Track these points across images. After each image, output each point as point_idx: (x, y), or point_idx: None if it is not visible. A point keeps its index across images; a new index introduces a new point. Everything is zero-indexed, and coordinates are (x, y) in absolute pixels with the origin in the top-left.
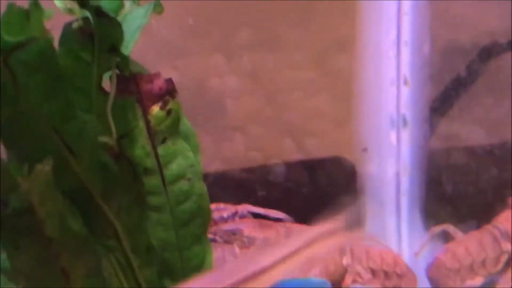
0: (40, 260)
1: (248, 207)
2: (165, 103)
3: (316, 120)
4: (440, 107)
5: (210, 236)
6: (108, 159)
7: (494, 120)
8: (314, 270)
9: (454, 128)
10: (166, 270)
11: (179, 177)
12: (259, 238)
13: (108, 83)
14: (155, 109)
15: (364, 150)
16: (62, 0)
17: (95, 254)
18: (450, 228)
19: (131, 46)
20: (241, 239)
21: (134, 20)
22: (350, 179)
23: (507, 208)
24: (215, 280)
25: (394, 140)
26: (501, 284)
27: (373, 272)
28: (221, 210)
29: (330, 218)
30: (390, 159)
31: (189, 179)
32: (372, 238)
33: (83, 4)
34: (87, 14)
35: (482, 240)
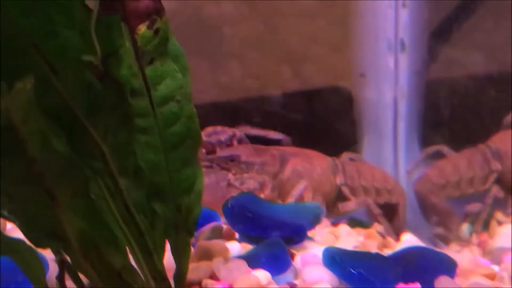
0: (24, 181)
1: (247, 129)
2: (152, 22)
3: (314, 46)
4: (439, 31)
5: (206, 163)
6: (93, 78)
7: (494, 45)
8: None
9: (454, 53)
10: (156, 193)
11: (167, 98)
12: (257, 163)
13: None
14: (142, 28)
15: (362, 75)
16: None
17: (81, 176)
18: (445, 149)
19: None
20: (238, 165)
21: None
22: (347, 108)
23: (503, 129)
24: None
25: (392, 64)
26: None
27: (365, 190)
28: (218, 133)
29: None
30: (388, 84)
31: (178, 101)
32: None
33: None
34: None
35: (472, 158)
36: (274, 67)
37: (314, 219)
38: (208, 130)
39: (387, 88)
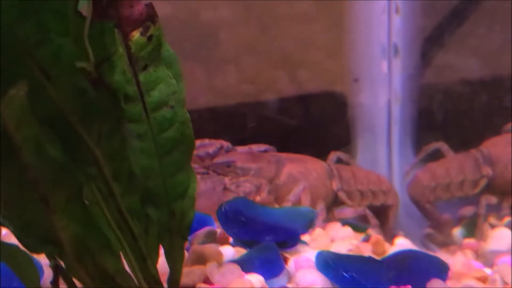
0: (18, 186)
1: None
2: (146, 29)
3: (309, 51)
4: (432, 36)
5: (203, 170)
6: (86, 84)
7: (488, 50)
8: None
9: (447, 58)
10: (149, 198)
11: (161, 104)
12: (253, 168)
13: (85, 7)
14: (136, 34)
15: (356, 80)
16: None
17: (75, 181)
18: (444, 146)
19: None
20: (234, 170)
21: None
22: (342, 112)
23: (502, 134)
24: None
25: (386, 69)
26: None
27: (361, 194)
28: (206, 146)
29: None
30: (382, 89)
31: (171, 107)
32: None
33: None
34: None
35: (464, 162)
36: (269, 72)
37: (307, 223)
38: (196, 143)
39: (381, 92)
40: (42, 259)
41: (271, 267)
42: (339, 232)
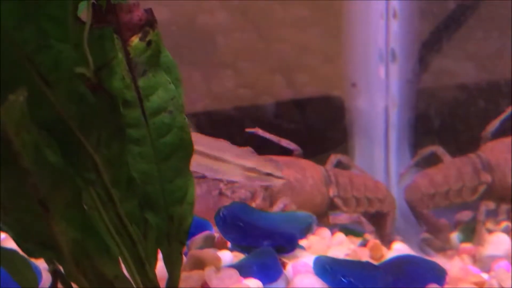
0: (17, 191)
1: (260, 132)
2: (145, 34)
3: (306, 55)
4: (430, 41)
5: (200, 174)
6: (86, 90)
7: (485, 55)
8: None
9: (444, 63)
10: (148, 203)
11: (160, 109)
12: None
13: (85, 13)
14: (135, 40)
15: (353, 85)
16: None
17: (74, 187)
18: (439, 150)
19: None
20: None
21: None
22: (340, 117)
23: (483, 142)
24: None
25: (383, 74)
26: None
27: (357, 201)
28: None
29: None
30: (379, 93)
31: (170, 112)
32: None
33: None
34: None
35: (462, 169)
36: (267, 77)
37: (305, 228)
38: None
39: (379, 97)
40: (41, 264)
41: (269, 272)
42: (332, 239)
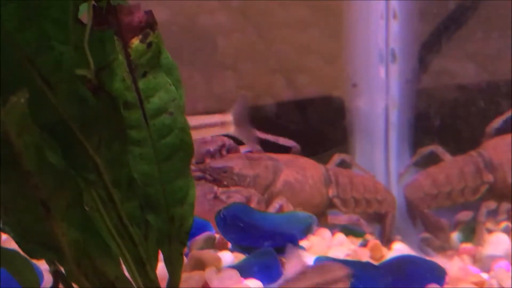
0: (19, 192)
1: (258, 133)
2: (145, 36)
3: (307, 56)
4: (430, 42)
5: (199, 173)
6: (86, 91)
7: (485, 55)
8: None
9: (444, 63)
10: (149, 204)
11: (160, 111)
12: (250, 176)
13: (86, 15)
14: (135, 42)
15: (354, 85)
16: None
17: (75, 188)
18: (439, 149)
19: None
20: (231, 177)
21: None
22: (340, 117)
23: (486, 138)
24: None
25: (383, 74)
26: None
27: (356, 201)
28: (207, 143)
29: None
30: (379, 94)
31: (171, 113)
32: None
33: None
34: None
35: (465, 168)
36: (267, 77)
37: (305, 229)
38: (198, 139)
39: (379, 97)
40: (42, 265)
41: (270, 273)
42: (333, 239)
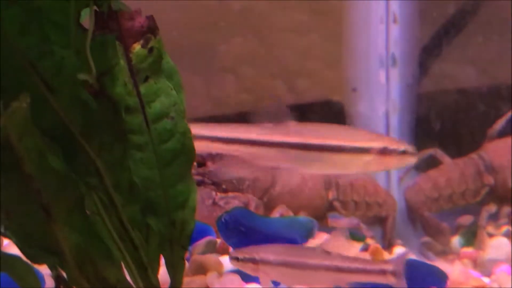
0: (20, 197)
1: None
2: (146, 41)
3: (307, 61)
4: (430, 46)
5: (199, 177)
6: (88, 96)
7: (485, 59)
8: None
9: (444, 67)
10: (150, 208)
11: (162, 115)
12: (249, 179)
13: (88, 20)
14: (137, 47)
15: (354, 90)
16: None
17: (76, 192)
18: (438, 152)
19: None
20: (230, 180)
21: None
22: (340, 122)
23: (488, 140)
24: None
25: (384, 79)
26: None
27: (356, 204)
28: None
29: None
30: (380, 98)
31: (172, 118)
32: None
33: None
34: None
35: (465, 171)
36: (268, 82)
37: (307, 233)
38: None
39: (379, 102)
40: (44, 269)
41: None
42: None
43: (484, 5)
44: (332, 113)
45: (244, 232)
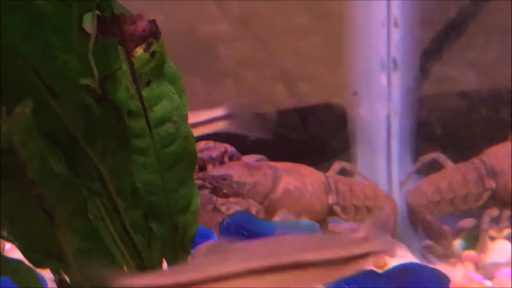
0: (23, 202)
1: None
2: (149, 45)
3: (308, 64)
4: (431, 49)
5: (199, 182)
6: (91, 101)
7: (486, 62)
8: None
9: (445, 71)
10: (153, 213)
11: (164, 119)
12: (249, 183)
13: (90, 25)
14: (139, 51)
15: (355, 93)
16: None
17: (79, 197)
18: (441, 156)
19: None
20: (230, 185)
21: None
22: (341, 125)
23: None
24: None
25: (385, 82)
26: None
27: (356, 209)
28: (210, 149)
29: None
30: (381, 102)
31: (174, 122)
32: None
33: None
34: None
35: (467, 175)
36: (268, 85)
37: None
38: (200, 145)
39: (380, 105)
40: (47, 274)
41: None
42: None
43: (485, 8)
44: (333, 116)
45: (246, 236)
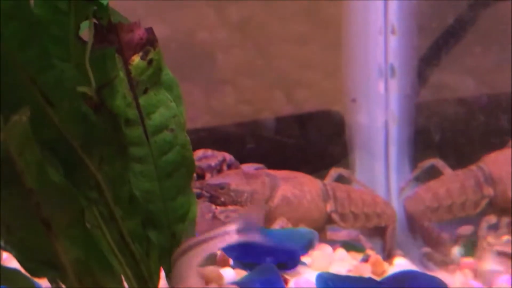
0: (21, 211)
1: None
2: (146, 53)
3: (306, 71)
4: (429, 56)
5: (197, 190)
6: (88, 109)
7: (484, 69)
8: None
9: (443, 77)
10: (151, 221)
11: (161, 127)
12: (247, 191)
13: (87, 33)
14: (136, 59)
15: (353, 100)
16: None
17: (76, 205)
18: (439, 162)
19: None
20: (228, 193)
21: None
22: (340, 132)
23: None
24: None
25: (382, 89)
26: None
27: (355, 216)
28: (208, 158)
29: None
30: (379, 109)
31: (172, 130)
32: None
33: None
34: None
35: (465, 182)
36: (267, 92)
37: (307, 244)
38: (199, 154)
39: (378, 112)
40: (44, 283)
41: None
42: (334, 254)
43: (483, 15)
44: (331, 123)
45: (244, 244)
